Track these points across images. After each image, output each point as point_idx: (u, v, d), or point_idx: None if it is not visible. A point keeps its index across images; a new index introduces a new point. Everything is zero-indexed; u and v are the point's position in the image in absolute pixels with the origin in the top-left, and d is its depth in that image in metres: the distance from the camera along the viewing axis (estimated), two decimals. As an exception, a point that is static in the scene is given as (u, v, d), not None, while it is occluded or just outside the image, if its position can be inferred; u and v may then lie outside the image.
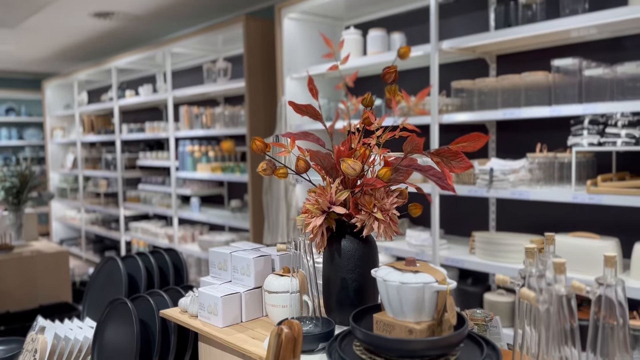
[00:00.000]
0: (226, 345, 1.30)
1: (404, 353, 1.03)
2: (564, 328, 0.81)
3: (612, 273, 0.85)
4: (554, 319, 0.80)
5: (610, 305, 0.84)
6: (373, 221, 1.27)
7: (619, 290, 0.83)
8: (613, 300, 0.84)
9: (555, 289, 0.79)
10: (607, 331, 0.86)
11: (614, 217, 2.96)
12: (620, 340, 0.86)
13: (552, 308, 0.80)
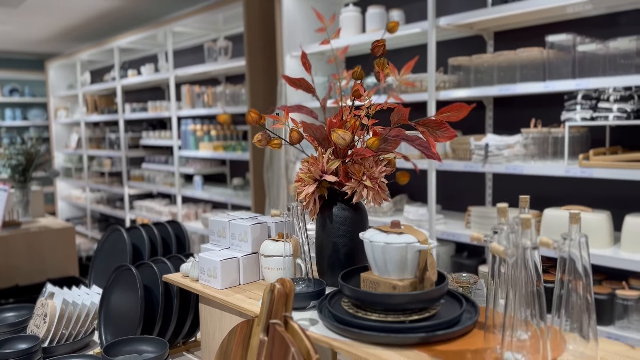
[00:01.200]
0: (225, 305, 1.38)
1: (388, 307, 1.11)
2: (531, 280, 0.88)
3: (576, 229, 0.92)
4: (521, 272, 0.87)
5: (574, 262, 0.91)
6: (362, 188, 1.34)
7: (582, 244, 0.90)
8: (577, 254, 0.91)
9: (522, 242, 0.86)
10: (572, 291, 0.93)
11: (605, 190, 3.02)
12: (582, 297, 0.93)
13: (519, 260, 0.87)
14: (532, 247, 0.86)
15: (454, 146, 3.35)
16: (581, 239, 0.90)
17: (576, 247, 0.91)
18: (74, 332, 1.72)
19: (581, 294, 0.93)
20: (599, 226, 2.73)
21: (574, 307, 0.94)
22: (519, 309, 0.89)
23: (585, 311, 0.93)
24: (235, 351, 1.15)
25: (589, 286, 0.93)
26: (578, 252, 0.91)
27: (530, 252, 0.86)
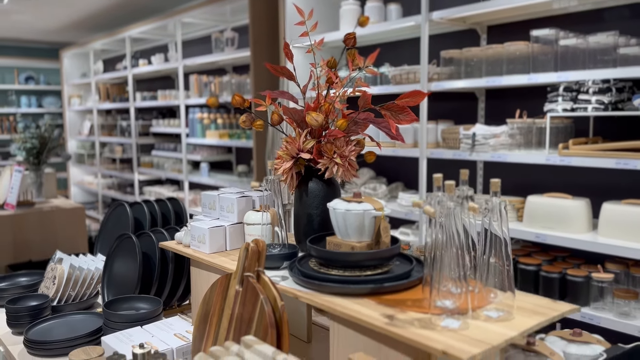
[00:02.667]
0: (212, 267, 1.56)
1: (347, 264, 1.28)
2: (457, 238, 1.05)
3: (497, 194, 1.08)
4: (449, 230, 1.03)
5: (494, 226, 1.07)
6: (333, 165, 1.50)
7: (503, 212, 1.06)
8: (497, 220, 1.07)
9: (448, 204, 1.03)
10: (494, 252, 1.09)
11: (585, 178, 3.16)
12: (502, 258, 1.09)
13: (445, 220, 1.03)
14: (454, 208, 1.02)
15: (444, 135, 3.50)
16: (502, 205, 1.06)
17: (497, 213, 1.07)
18: (80, 293, 1.91)
19: (502, 255, 1.09)
20: (578, 212, 2.88)
21: (496, 266, 1.11)
22: (448, 263, 1.05)
23: (505, 268, 1.10)
24: (215, 301, 1.32)
25: (507, 248, 1.09)
26: (498, 218, 1.08)
27: (455, 212, 1.03)
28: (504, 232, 1.08)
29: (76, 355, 1.37)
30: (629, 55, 2.62)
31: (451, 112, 3.86)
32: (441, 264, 1.06)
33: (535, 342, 1.25)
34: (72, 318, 1.73)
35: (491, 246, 1.10)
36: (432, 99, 3.72)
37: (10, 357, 1.61)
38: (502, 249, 1.10)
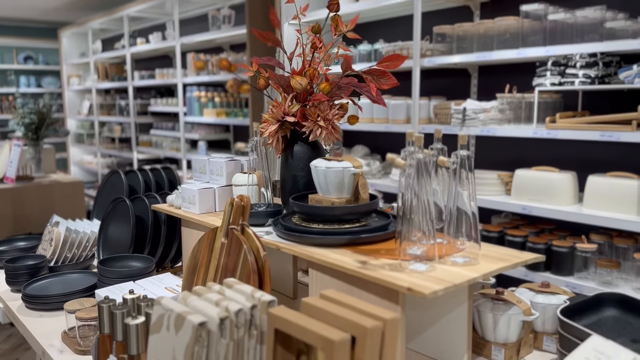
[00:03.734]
0: (201, 225, 1.63)
1: (328, 218, 1.34)
2: (425, 189, 1.11)
3: (464, 147, 1.15)
4: (419, 181, 1.10)
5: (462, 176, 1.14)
6: (317, 128, 1.56)
7: (468, 162, 1.13)
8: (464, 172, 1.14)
9: (417, 155, 1.09)
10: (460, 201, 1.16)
11: (572, 152, 3.22)
12: (469, 208, 1.15)
13: (412, 170, 1.09)
14: (423, 159, 1.08)
15: (436, 111, 3.55)
16: (468, 158, 1.12)
17: (465, 166, 1.13)
18: (76, 255, 1.98)
19: (468, 206, 1.16)
20: (564, 185, 2.94)
21: (464, 218, 1.17)
22: (417, 214, 1.12)
23: (471, 219, 1.16)
24: (203, 253, 1.40)
25: (473, 199, 1.16)
26: (466, 171, 1.14)
27: (423, 163, 1.09)
28: (470, 183, 1.15)
29: (71, 305, 1.44)
30: (615, 29, 2.66)
31: (444, 88, 3.90)
32: (411, 214, 1.12)
33: (504, 292, 1.32)
34: (68, 277, 1.80)
35: (458, 198, 1.16)
36: (426, 75, 3.76)
37: (9, 312, 1.69)
38: (469, 200, 1.16)
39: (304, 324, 0.87)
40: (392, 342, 0.87)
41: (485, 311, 1.27)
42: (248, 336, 0.97)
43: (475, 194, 1.16)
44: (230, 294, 1.02)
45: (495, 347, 1.27)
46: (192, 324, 0.90)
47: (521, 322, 1.26)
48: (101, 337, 1.19)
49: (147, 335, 1.09)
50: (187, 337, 0.90)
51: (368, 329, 0.84)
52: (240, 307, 0.95)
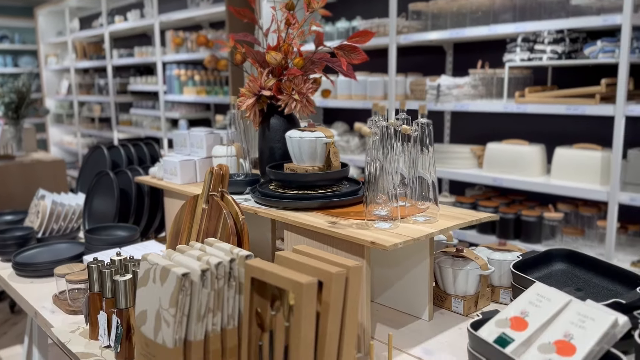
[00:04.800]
0: (183, 195, 1.72)
1: (302, 184, 1.44)
2: (390, 155, 1.21)
3: (423, 116, 1.25)
4: (384, 147, 1.20)
5: (424, 139, 1.24)
6: (292, 101, 1.65)
7: (427, 130, 1.23)
8: (427, 136, 1.24)
9: (380, 124, 1.18)
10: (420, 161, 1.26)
11: (541, 126, 3.36)
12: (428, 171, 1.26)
13: (377, 138, 1.19)
14: (386, 126, 1.18)
15: (412, 87, 3.64)
16: (427, 126, 1.23)
17: (425, 133, 1.23)
18: (62, 227, 2.06)
19: (429, 170, 1.26)
20: (533, 158, 3.07)
21: (424, 181, 1.28)
22: (382, 177, 1.22)
23: (431, 182, 1.27)
24: (185, 219, 1.48)
25: (432, 164, 1.26)
26: (426, 138, 1.24)
27: (387, 131, 1.19)
28: (430, 151, 1.25)
29: (60, 270, 1.52)
30: (581, 6, 2.77)
31: (421, 65, 3.99)
32: (376, 179, 1.22)
33: (464, 249, 1.44)
34: (55, 246, 1.88)
35: (419, 162, 1.27)
36: (403, 53, 3.85)
37: (0, 280, 1.77)
38: (429, 165, 1.27)
39: (277, 272, 0.97)
40: (355, 287, 0.98)
41: (446, 267, 1.39)
42: (227, 287, 1.06)
43: (434, 160, 1.26)
44: (210, 251, 1.12)
45: (455, 300, 1.39)
46: (176, 275, 1.00)
47: (478, 276, 1.38)
48: (91, 295, 1.28)
49: (134, 291, 1.19)
50: (172, 287, 1.00)
51: (333, 274, 0.94)
52: (220, 260, 1.05)
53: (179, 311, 1.00)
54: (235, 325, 1.08)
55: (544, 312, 1.03)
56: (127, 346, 1.19)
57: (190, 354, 1.02)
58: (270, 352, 1.00)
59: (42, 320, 1.44)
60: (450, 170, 3.34)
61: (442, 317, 1.38)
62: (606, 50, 2.67)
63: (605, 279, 1.26)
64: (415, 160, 1.28)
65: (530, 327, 1.02)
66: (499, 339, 1.02)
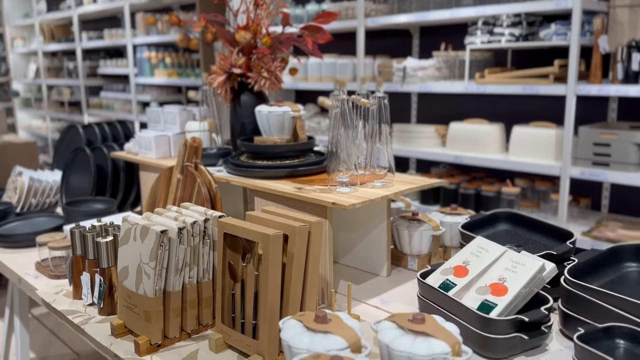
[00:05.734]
0: (158, 168, 1.81)
1: (271, 155, 1.56)
2: (350, 126, 1.33)
3: (379, 91, 1.37)
4: (343, 119, 1.32)
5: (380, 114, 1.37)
6: (261, 79, 1.75)
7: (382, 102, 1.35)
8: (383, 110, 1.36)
9: (341, 96, 1.30)
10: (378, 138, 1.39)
11: (500, 105, 3.53)
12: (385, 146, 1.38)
13: (338, 111, 1.31)
14: (346, 99, 1.30)
15: (380, 69, 3.77)
16: (382, 99, 1.35)
17: (382, 106, 1.36)
18: (40, 202, 2.13)
19: (385, 140, 1.39)
20: (493, 136, 3.24)
21: (382, 151, 1.40)
22: (342, 147, 1.34)
23: (387, 152, 1.40)
24: (161, 189, 1.58)
25: (388, 134, 1.39)
26: (382, 110, 1.37)
27: (347, 105, 1.31)
28: (386, 120, 1.38)
29: (42, 238, 1.61)
30: (537, -10, 2.91)
31: (389, 48, 4.12)
32: (338, 149, 1.34)
33: (419, 214, 1.58)
34: (35, 220, 1.95)
35: (377, 133, 1.39)
36: (371, 36, 3.96)
37: (-19, 252, 1.84)
38: (386, 136, 1.39)
39: (247, 227, 1.08)
40: (317, 240, 1.10)
41: (402, 229, 1.52)
42: (202, 244, 1.18)
43: (390, 131, 1.38)
44: (186, 212, 1.22)
45: (410, 258, 1.53)
46: (155, 232, 1.10)
47: (431, 236, 1.52)
48: (74, 258, 1.38)
49: (115, 252, 1.29)
50: (152, 243, 1.10)
51: (297, 227, 1.06)
52: (196, 220, 1.16)
53: (158, 264, 1.10)
54: (210, 279, 1.20)
55: (482, 261, 1.17)
56: (110, 302, 1.29)
57: (169, 303, 1.13)
58: (242, 299, 1.12)
59: (26, 285, 1.53)
60: (416, 150, 3.49)
61: (399, 274, 1.51)
62: (559, 33, 2.84)
63: (542, 236, 1.41)
64: (374, 132, 1.40)
65: (470, 273, 1.16)
66: (443, 285, 1.16)
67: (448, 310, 1.12)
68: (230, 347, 1.14)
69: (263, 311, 1.05)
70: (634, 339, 0.96)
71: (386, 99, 1.37)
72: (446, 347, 0.86)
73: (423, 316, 0.92)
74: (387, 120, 1.38)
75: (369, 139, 1.43)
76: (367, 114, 1.41)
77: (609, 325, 0.98)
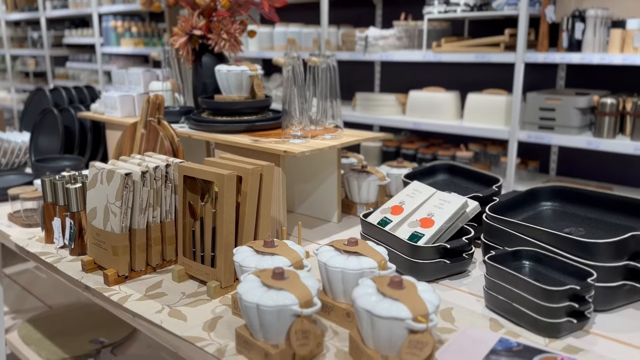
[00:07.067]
0: (123, 125, 1.90)
1: (230, 111, 1.67)
2: (301, 84, 1.45)
3: (328, 55, 1.49)
4: (293, 77, 1.44)
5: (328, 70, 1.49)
6: (221, 40, 1.85)
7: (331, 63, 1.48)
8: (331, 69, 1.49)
9: (292, 54, 1.42)
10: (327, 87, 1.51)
11: (456, 74, 3.69)
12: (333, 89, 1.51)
13: (290, 70, 1.43)
14: (297, 58, 1.42)
15: (344, 38, 3.87)
16: (331, 59, 1.47)
17: (330, 65, 1.48)
18: (10, 161, 2.20)
19: (334, 96, 1.52)
20: (449, 103, 3.40)
21: (331, 106, 1.53)
22: (295, 102, 1.46)
23: (335, 109, 1.53)
24: (126, 144, 1.69)
25: (336, 91, 1.51)
26: (332, 69, 1.49)
27: (298, 63, 1.43)
28: (335, 82, 1.50)
29: (13, 191, 1.70)
30: (490, -38, 3.05)
31: (353, 18, 4.22)
32: (290, 104, 1.47)
33: (367, 166, 1.72)
34: (5, 177, 2.03)
35: (327, 91, 1.52)
36: (335, 5, 4.05)
37: (-47, 208, 1.91)
38: (335, 93, 1.52)
39: (204, 169, 1.20)
40: (268, 181, 1.23)
41: (352, 180, 1.66)
42: (164, 187, 1.29)
43: (338, 87, 1.51)
44: (149, 160, 1.34)
45: (359, 206, 1.68)
46: (120, 175, 1.21)
47: (378, 186, 1.67)
48: (45, 206, 1.48)
49: (84, 197, 1.39)
50: (117, 185, 1.22)
51: (249, 169, 1.19)
52: (158, 165, 1.27)
53: (123, 204, 1.22)
54: (172, 219, 1.32)
55: (416, 200, 1.33)
56: (80, 243, 1.40)
57: (134, 239, 1.25)
58: (201, 235, 1.24)
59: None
60: (379, 117, 3.62)
61: (348, 220, 1.66)
62: (510, 3, 2.99)
63: (475, 183, 1.57)
64: (323, 90, 1.53)
65: (405, 211, 1.31)
66: (381, 221, 1.31)
67: (385, 242, 1.27)
68: (192, 278, 1.27)
69: (220, 243, 1.18)
70: (538, 260, 1.12)
71: (334, 58, 1.49)
72: (373, 262, 1.01)
73: (356, 240, 1.07)
74: (335, 80, 1.51)
75: (319, 96, 1.55)
76: (318, 73, 1.53)
77: (517, 249, 1.14)
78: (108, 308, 1.21)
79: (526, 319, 1.00)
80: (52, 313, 2.26)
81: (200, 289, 1.22)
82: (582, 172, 3.29)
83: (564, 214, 1.31)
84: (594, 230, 1.22)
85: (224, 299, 1.17)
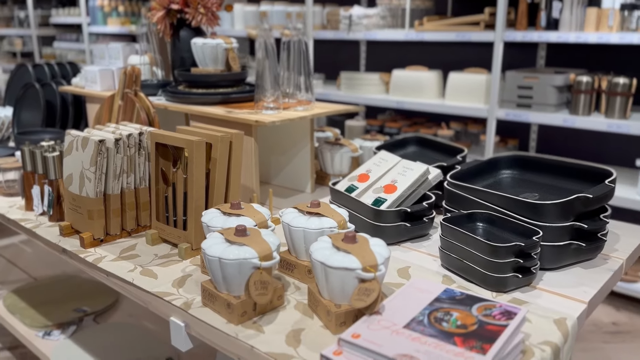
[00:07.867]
0: (103, 98, 1.94)
1: (206, 84, 1.71)
2: (273, 57, 1.49)
3: (299, 22, 1.53)
4: (266, 53, 1.48)
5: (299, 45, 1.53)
6: (198, 15, 1.88)
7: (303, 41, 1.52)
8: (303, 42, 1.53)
9: (264, 26, 1.46)
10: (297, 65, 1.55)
11: (438, 53, 3.73)
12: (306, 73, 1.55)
13: (262, 40, 1.47)
14: (269, 29, 1.46)
15: (329, 17, 3.89)
16: (303, 32, 1.51)
17: (302, 40, 1.52)
18: (-8, 136, 2.23)
19: (306, 70, 1.56)
20: (431, 82, 3.44)
21: (304, 80, 1.58)
22: (267, 75, 1.51)
23: (309, 80, 1.57)
24: (104, 115, 1.72)
25: (310, 64, 1.56)
26: (303, 45, 1.53)
27: (267, 38, 1.47)
28: (307, 55, 1.54)
29: (-5, 162, 1.74)
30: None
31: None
32: (263, 77, 1.51)
33: (341, 138, 1.77)
34: (-13, 150, 2.07)
35: (299, 64, 1.56)
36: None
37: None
38: (307, 65, 1.56)
39: (175, 136, 1.25)
40: (238, 148, 1.28)
41: (326, 151, 1.72)
42: (138, 154, 1.34)
43: (311, 63, 1.55)
44: (124, 128, 1.38)
45: (333, 178, 1.73)
46: (94, 142, 1.26)
47: (350, 157, 1.72)
48: (25, 174, 1.52)
49: (62, 166, 1.44)
50: (91, 151, 1.26)
51: (219, 137, 1.24)
52: (131, 132, 1.32)
53: (98, 170, 1.27)
54: (146, 186, 1.37)
55: (382, 168, 1.38)
56: (58, 210, 1.45)
57: (109, 204, 1.30)
58: (174, 200, 1.29)
59: (-20, 203, 1.67)
60: (363, 96, 3.66)
61: (322, 191, 1.72)
62: (490, -17, 3.02)
63: (443, 154, 1.63)
64: (296, 62, 1.57)
65: (371, 179, 1.36)
66: (348, 188, 1.36)
67: (351, 208, 1.32)
68: (165, 241, 1.32)
69: (191, 207, 1.23)
70: (491, 222, 1.18)
71: (305, 33, 1.53)
72: (333, 222, 1.07)
73: (319, 202, 1.12)
74: (307, 54, 1.55)
75: (292, 69, 1.59)
76: (290, 46, 1.57)
77: (471, 211, 1.20)
78: (84, 269, 1.27)
79: (476, 274, 1.07)
80: (37, 284, 2.31)
81: (172, 251, 1.27)
82: (560, 151, 3.36)
83: (522, 181, 1.37)
84: (548, 196, 1.28)
85: (195, 260, 1.23)
